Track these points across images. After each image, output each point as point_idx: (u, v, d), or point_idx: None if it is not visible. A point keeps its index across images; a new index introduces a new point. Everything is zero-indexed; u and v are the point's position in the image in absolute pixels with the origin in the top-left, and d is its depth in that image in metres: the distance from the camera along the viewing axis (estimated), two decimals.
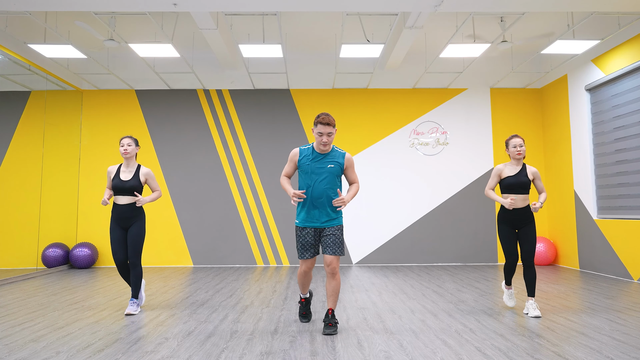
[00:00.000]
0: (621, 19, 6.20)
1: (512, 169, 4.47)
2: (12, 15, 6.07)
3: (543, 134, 9.07)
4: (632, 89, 6.66)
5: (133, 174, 4.63)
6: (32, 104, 8.65)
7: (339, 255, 3.78)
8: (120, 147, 4.64)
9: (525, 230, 4.41)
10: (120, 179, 4.59)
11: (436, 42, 7.10)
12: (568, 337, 3.61)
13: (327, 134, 3.73)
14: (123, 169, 4.66)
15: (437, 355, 3.20)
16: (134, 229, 4.59)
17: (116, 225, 4.61)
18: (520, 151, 4.42)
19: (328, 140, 3.75)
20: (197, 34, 6.81)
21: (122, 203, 4.59)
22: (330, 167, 3.80)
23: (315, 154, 3.84)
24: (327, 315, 3.83)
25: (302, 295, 4.16)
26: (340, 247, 3.78)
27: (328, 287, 3.82)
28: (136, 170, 4.68)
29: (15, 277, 6.98)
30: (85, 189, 8.82)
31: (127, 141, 4.64)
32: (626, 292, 5.63)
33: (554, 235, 8.63)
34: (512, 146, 4.46)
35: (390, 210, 8.86)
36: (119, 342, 3.53)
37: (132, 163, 4.70)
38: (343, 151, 3.93)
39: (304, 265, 3.93)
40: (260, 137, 8.99)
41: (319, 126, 3.73)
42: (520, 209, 4.41)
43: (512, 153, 4.46)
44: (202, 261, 8.72)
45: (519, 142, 4.44)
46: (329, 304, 3.84)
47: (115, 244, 4.59)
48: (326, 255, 3.79)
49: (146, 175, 4.70)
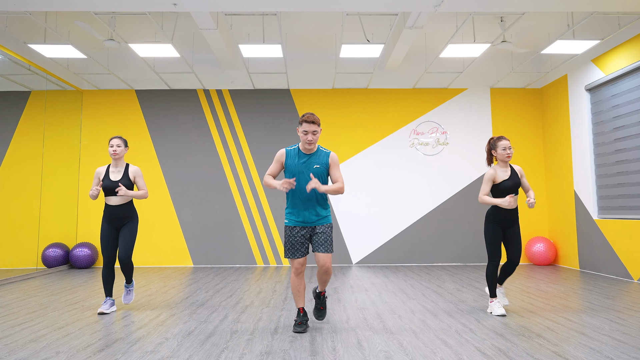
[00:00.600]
0: (621, 19, 6.20)
1: (503, 173, 4.42)
2: (12, 15, 6.07)
3: (543, 134, 9.07)
4: (632, 89, 6.66)
5: (122, 174, 4.63)
6: (32, 104, 8.65)
7: (330, 252, 3.82)
8: (109, 148, 4.63)
9: (513, 230, 4.45)
10: (110, 179, 4.58)
11: (436, 42, 7.10)
12: (568, 337, 3.61)
13: (312, 132, 3.75)
14: (112, 170, 4.65)
15: (437, 355, 3.20)
16: (126, 230, 4.58)
17: (107, 225, 4.59)
18: (510, 154, 4.40)
19: (313, 139, 3.76)
20: (197, 34, 6.81)
21: (114, 204, 4.57)
22: (316, 168, 3.80)
23: (301, 154, 3.85)
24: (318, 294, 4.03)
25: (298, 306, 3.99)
26: (330, 244, 3.83)
27: (319, 277, 3.94)
28: (125, 169, 4.68)
29: (15, 277, 6.99)
30: (85, 189, 8.81)
31: (116, 142, 4.63)
32: (626, 292, 5.63)
33: (554, 235, 8.63)
34: (501, 148, 4.39)
35: (390, 211, 8.86)
36: (119, 342, 3.53)
37: (121, 163, 4.70)
38: (328, 150, 3.93)
39: (294, 265, 3.84)
40: (260, 137, 8.99)
41: (304, 124, 3.76)
42: (512, 210, 4.44)
43: (502, 155, 4.40)
44: (202, 261, 8.72)
45: (508, 144, 4.40)
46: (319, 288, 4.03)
47: (104, 241, 4.58)
48: (318, 254, 3.79)
49: (135, 173, 4.69)
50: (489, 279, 4.47)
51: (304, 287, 3.96)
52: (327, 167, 3.86)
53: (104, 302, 4.64)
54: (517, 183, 4.40)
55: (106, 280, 4.63)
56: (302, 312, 3.94)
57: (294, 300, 4.39)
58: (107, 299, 4.65)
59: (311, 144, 3.79)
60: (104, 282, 4.63)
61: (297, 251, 3.84)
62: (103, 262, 4.63)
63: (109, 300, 4.65)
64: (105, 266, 4.62)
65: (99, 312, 4.53)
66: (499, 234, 4.44)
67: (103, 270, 4.63)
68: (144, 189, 4.73)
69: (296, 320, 3.91)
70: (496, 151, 4.45)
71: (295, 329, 3.86)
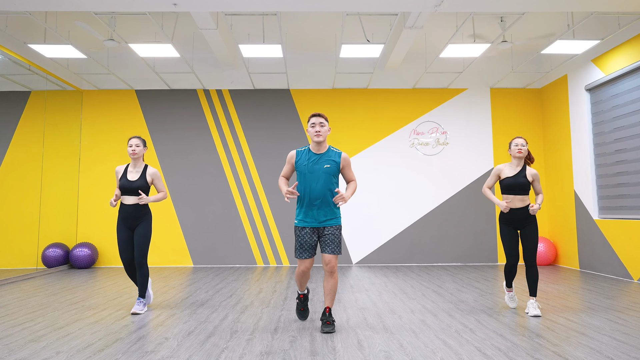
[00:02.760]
0: (621, 19, 6.20)
1: (511, 170, 4.49)
2: (12, 15, 6.07)
3: (543, 134, 9.07)
4: (632, 89, 6.66)
5: (140, 174, 4.64)
6: (32, 104, 8.64)
7: (337, 254, 3.83)
8: (128, 148, 4.65)
9: (527, 230, 4.42)
10: (127, 179, 4.60)
11: (436, 42, 7.10)
12: (568, 337, 3.61)
13: (320, 124, 3.80)
14: (130, 169, 4.67)
15: (437, 355, 3.20)
16: (140, 230, 4.61)
17: (123, 225, 4.63)
18: (522, 149, 4.45)
19: (321, 130, 3.79)
20: (197, 34, 6.81)
21: (129, 203, 4.61)
22: (327, 167, 3.82)
23: (312, 154, 3.86)
24: (325, 314, 3.87)
25: (300, 292, 4.18)
26: (338, 246, 3.84)
27: (326, 285, 3.86)
28: (143, 170, 4.69)
29: (15, 277, 6.98)
30: (85, 189, 8.82)
31: (135, 142, 4.65)
32: (626, 292, 5.63)
33: (554, 235, 8.63)
34: (514, 145, 4.50)
35: (390, 210, 8.86)
36: (119, 342, 3.53)
37: (140, 163, 4.71)
38: (339, 151, 3.95)
39: (302, 265, 3.93)
40: (260, 137, 8.99)
41: (312, 119, 3.83)
42: (519, 210, 4.42)
43: (514, 151, 4.49)
44: (202, 261, 8.72)
45: (522, 141, 4.49)
46: (326, 302, 3.88)
47: (121, 243, 4.62)
48: (325, 254, 3.82)
49: (153, 175, 4.71)
50: (504, 274, 4.59)
51: (308, 278, 4.12)
52: (339, 167, 3.88)
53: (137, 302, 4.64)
54: (520, 183, 4.40)
55: (133, 278, 4.74)
56: (302, 297, 4.16)
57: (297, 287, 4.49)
58: (139, 299, 4.63)
59: (319, 137, 3.79)
60: (132, 279, 4.76)
61: (305, 252, 3.88)
62: (123, 265, 4.70)
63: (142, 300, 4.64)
64: (125, 269, 4.70)
65: (133, 312, 4.52)
66: (511, 233, 4.46)
67: (126, 271, 4.74)
68: (163, 191, 4.78)
69: (298, 305, 4.16)
70: (510, 148, 4.56)
71: (299, 314, 4.17)
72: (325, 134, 3.81)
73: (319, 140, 3.80)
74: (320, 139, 3.80)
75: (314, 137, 3.80)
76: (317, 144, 3.83)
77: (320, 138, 3.80)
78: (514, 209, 4.42)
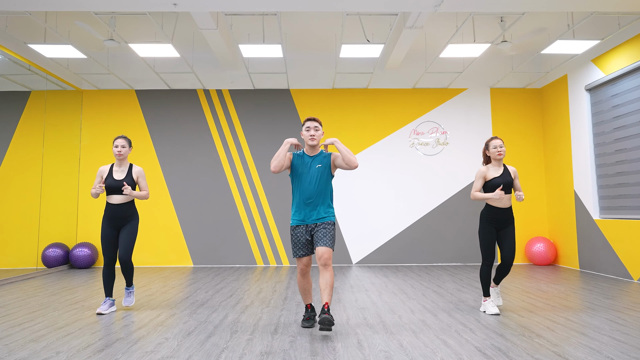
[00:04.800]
0: (621, 19, 6.20)
1: (495, 170, 4.50)
2: (12, 15, 6.07)
3: (543, 134, 9.07)
4: (632, 89, 6.66)
5: (126, 173, 4.68)
6: (32, 104, 8.64)
7: (330, 247, 3.83)
8: (114, 148, 4.66)
9: (507, 230, 4.49)
10: (113, 178, 4.62)
11: (436, 42, 7.10)
12: (568, 337, 3.61)
13: (314, 128, 3.96)
14: (116, 169, 4.69)
15: (437, 355, 3.20)
16: (126, 229, 4.62)
17: (108, 224, 4.62)
18: (501, 152, 4.48)
19: (315, 134, 3.96)
20: (197, 34, 6.81)
21: (115, 202, 4.60)
22: (319, 167, 3.98)
23: (306, 156, 4.03)
24: (323, 309, 3.78)
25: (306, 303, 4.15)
26: (331, 240, 3.86)
27: (321, 281, 3.78)
28: (129, 169, 4.72)
29: (15, 277, 6.98)
30: (85, 189, 8.81)
31: (121, 142, 4.68)
32: (626, 292, 5.63)
33: (554, 235, 8.63)
34: (492, 147, 4.50)
35: (390, 210, 8.86)
36: (119, 342, 3.53)
37: (125, 162, 4.74)
38: (329, 152, 4.11)
39: (300, 264, 3.98)
40: (260, 137, 8.99)
41: (307, 122, 4.00)
42: (505, 209, 4.47)
43: (493, 154, 4.49)
44: (202, 261, 8.72)
45: (499, 143, 4.50)
46: (323, 298, 3.73)
47: (105, 241, 4.62)
48: (317, 247, 3.84)
49: (138, 173, 4.75)
50: (482, 279, 4.54)
51: (311, 285, 4.10)
52: (329, 162, 4.02)
53: (103, 302, 4.64)
54: (508, 181, 4.45)
55: (106, 280, 4.64)
56: (309, 308, 4.11)
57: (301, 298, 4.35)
58: (106, 299, 4.65)
59: (314, 140, 3.96)
60: (104, 282, 4.64)
61: (300, 249, 3.95)
62: (104, 262, 4.65)
63: (108, 301, 4.65)
64: (105, 266, 4.64)
65: (98, 312, 4.53)
66: (493, 233, 4.49)
67: (103, 270, 4.65)
68: (146, 190, 4.79)
69: (304, 315, 4.09)
70: (488, 150, 4.54)
71: (303, 324, 4.03)
72: (319, 138, 4.00)
73: (312, 143, 3.98)
74: (314, 142, 3.98)
75: (309, 141, 3.98)
76: (310, 147, 4.01)
77: (314, 142, 3.97)
78: (501, 208, 4.45)
